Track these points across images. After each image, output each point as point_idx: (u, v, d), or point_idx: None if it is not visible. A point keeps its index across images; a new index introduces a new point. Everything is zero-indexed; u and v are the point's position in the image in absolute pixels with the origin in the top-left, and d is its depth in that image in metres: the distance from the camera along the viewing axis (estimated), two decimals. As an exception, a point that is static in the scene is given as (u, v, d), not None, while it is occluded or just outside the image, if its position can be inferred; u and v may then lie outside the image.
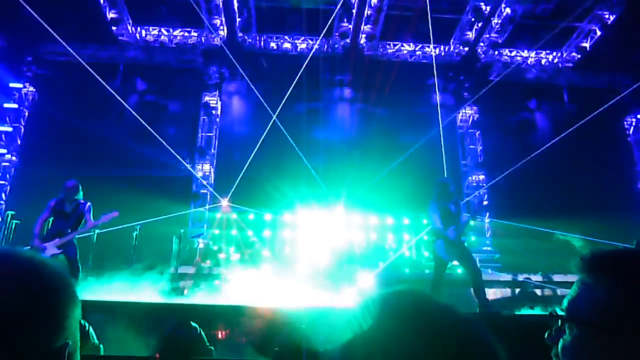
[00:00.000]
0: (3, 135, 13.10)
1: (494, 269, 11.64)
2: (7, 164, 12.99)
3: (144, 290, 6.61)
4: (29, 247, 6.35)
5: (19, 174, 13.04)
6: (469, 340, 0.66)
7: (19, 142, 13.26)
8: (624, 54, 13.13)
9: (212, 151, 13.65)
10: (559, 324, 0.94)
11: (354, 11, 12.55)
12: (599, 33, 13.06)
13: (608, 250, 0.92)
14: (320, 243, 11.30)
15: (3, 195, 12.74)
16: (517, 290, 9.82)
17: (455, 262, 6.49)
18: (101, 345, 3.56)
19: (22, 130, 13.41)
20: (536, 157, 14.13)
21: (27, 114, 13.56)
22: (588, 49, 13.52)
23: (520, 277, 10.21)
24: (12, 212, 10.20)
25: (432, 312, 0.69)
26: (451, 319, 0.68)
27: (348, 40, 13.42)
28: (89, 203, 6.69)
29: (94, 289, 6.38)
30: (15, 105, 13.36)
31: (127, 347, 3.97)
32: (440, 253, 6.22)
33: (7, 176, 12.93)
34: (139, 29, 13.47)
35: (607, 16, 12.58)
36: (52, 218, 6.53)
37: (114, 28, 13.04)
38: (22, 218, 11.86)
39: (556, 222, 10.93)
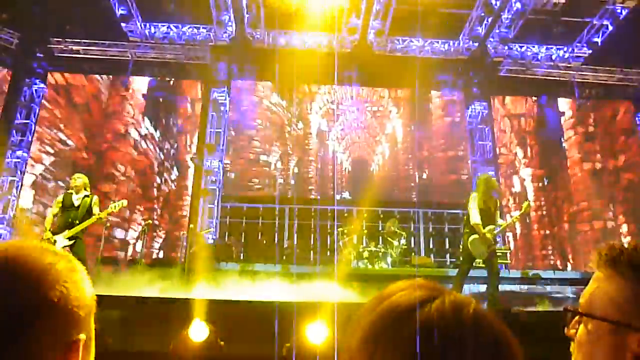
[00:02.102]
0: (14, 132, 13.22)
1: (506, 265, 11.58)
2: (19, 160, 13.12)
3: (155, 284, 6.66)
4: (40, 240, 6.43)
5: (30, 170, 13.18)
6: (486, 338, 0.66)
7: (29, 138, 13.37)
8: (636, 49, 12.95)
9: (221, 147, 13.68)
10: (577, 318, 0.94)
11: (362, 7, 12.48)
12: (610, 28, 12.90)
13: (626, 245, 0.92)
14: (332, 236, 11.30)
15: (14, 190, 12.86)
16: (528, 286, 9.77)
17: (480, 261, 6.29)
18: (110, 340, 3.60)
19: (33, 126, 13.52)
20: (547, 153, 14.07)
21: (38, 110, 13.66)
22: (600, 44, 13.35)
23: (530, 273, 10.15)
24: (24, 207, 10.32)
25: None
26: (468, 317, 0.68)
27: (357, 36, 13.37)
28: (95, 196, 6.82)
29: (105, 283, 6.44)
30: (26, 102, 13.47)
31: (138, 341, 4.00)
32: (471, 248, 6.07)
33: (19, 172, 13.05)
34: (148, 25, 13.52)
35: (619, 10, 12.41)
36: (60, 211, 6.65)
37: (123, 24, 13.09)
38: (33, 213, 11.98)
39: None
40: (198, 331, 3.02)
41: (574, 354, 0.93)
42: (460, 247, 6.50)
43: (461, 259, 6.31)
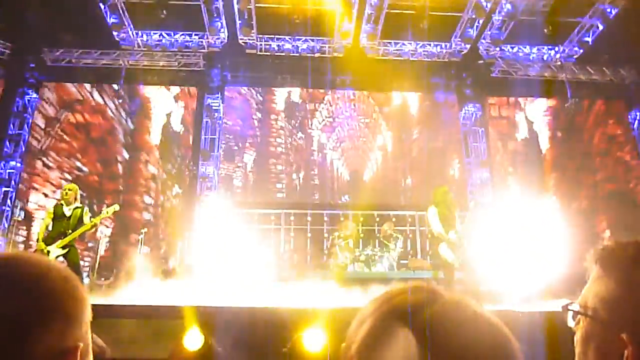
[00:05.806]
0: (7, 142, 13.17)
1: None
2: (12, 170, 13.06)
3: (152, 293, 6.63)
4: (34, 251, 6.44)
5: (23, 181, 13.13)
6: (486, 338, 0.66)
7: (23, 148, 13.32)
8: (626, 48, 13.07)
9: (216, 153, 13.68)
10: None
11: (354, 11, 12.54)
12: (600, 27, 13.01)
13: (623, 243, 0.92)
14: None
15: (9, 201, 12.79)
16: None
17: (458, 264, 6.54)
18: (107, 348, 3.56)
19: (26, 136, 13.46)
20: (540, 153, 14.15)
21: (30, 120, 13.61)
22: (590, 43, 13.47)
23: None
24: (18, 218, 10.27)
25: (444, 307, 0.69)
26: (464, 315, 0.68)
27: (349, 41, 13.42)
28: (86, 207, 7.00)
29: (103, 292, 6.41)
30: (19, 113, 13.43)
31: (134, 350, 3.98)
32: (445, 255, 6.37)
33: (12, 182, 12.99)
34: (140, 33, 13.52)
35: (609, 10, 12.53)
36: (52, 222, 6.72)
37: (115, 33, 13.08)
38: (27, 223, 11.92)
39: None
40: (193, 340, 3.01)
41: (576, 351, 0.94)
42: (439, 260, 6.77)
43: (442, 267, 6.67)
